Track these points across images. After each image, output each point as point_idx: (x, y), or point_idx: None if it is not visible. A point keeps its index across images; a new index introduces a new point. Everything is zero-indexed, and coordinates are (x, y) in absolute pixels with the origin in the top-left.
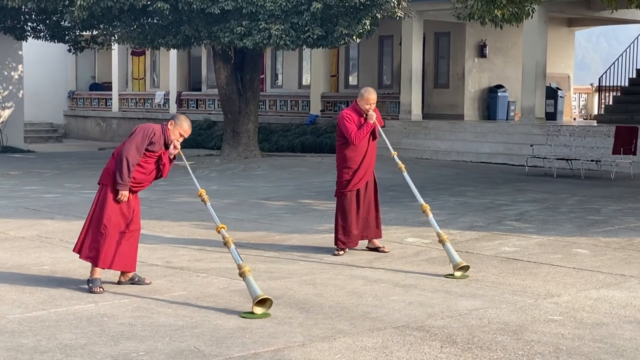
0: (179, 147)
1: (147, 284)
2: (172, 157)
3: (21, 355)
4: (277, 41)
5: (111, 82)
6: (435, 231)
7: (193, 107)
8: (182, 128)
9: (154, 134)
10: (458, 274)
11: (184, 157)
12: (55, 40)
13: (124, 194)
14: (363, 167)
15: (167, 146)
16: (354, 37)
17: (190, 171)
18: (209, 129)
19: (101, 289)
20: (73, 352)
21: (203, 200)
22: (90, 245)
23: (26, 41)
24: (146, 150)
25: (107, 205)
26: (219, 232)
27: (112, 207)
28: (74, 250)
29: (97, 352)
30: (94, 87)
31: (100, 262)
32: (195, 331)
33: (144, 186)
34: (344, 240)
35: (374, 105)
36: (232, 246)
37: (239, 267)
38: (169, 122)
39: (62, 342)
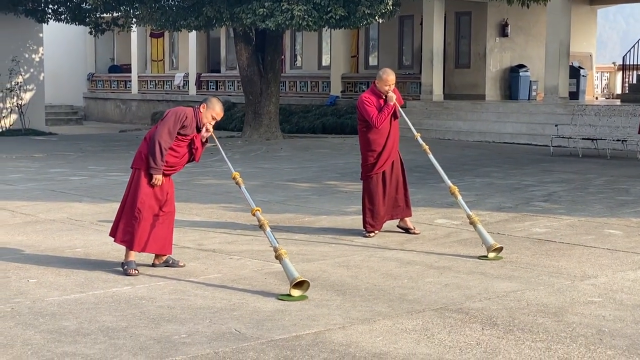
0: (211, 129)
1: (181, 266)
2: (204, 140)
3: (64, 337)
4: (300, 22)
5: (130, 64)
6: (466, 213)
7: (212, 88)
8: (214, 111)
9: (186, 117)
10: (491, 255)
11: (216, 140)
12: (76, 23)
13: (158, 178)
14: (387, 148)
15: (199, 129)
16: (376, 17)
17: (224, 154)
18: (228, 110)
19: (136, 271)
20: (115, 334)
21: (237, 183)
22: (125, 229)
23: (47, 24)
24: (178, 134)
25: (141, 188)
26: (254, 214)
27: (146, 191)
28: (109, 235)
29: (139, 335)
30: (113, 69)
31: (135, 246)
32: (234, 314)
33: (176, 169)
34: (372, 223)
35: (393, 86)
36: (268, 229)
37: (275, 250)
38: (202, 105)
39: (103, 325)
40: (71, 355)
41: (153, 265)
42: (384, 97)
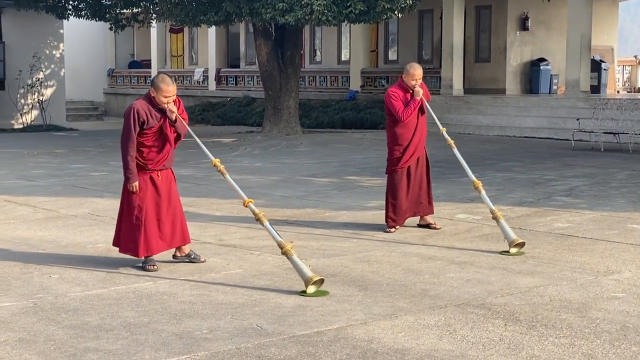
0: (174, 109)
1: (202, 261)
2: (172, 122)
3: (87, 333)
4: (319, 17)
5: (150, 60)
6: (489, 208)
7: (232, 83)
8: (162, 91)
9: (137, 113)
10: (513, 250)
11: (184, 122)
12: (96, 19)
13: (133, 186)
14: (413, 143)
15: (164, 112)
16: (396, 12)
17: (199, 141)
18: (248, 105)
19: (155, 267)
20: (138, 330)
21: (220, 172)
22: (127, 237)
23: (67, 20)
24: (143, 129)
25: (133, 195)
26: (246, 206)
27: (140, 195)
28: (113, 244)
29: (161, 330)
30: (133, 64)
31: (140, 252)
32: (256, 309)
33: (163, 162)
34: (394, 217)
35: (419, 81)
36: (266, 222)
37: (281, 246)
38: (151, 90)
39: (125, 320)
40: (94, 351)
41: (174, 257)
42: (411, 92)
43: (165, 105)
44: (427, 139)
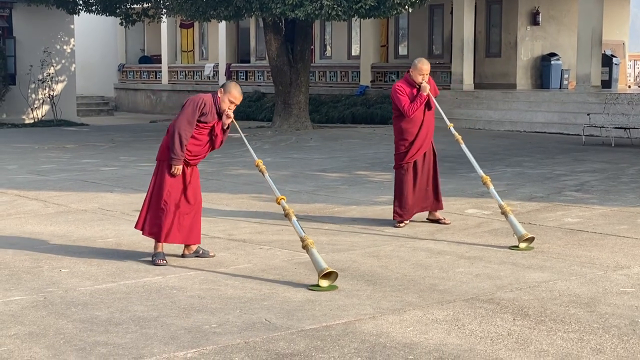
0: (231, 115)
1: (211, 256)
2: (225, 127)
3: (96, 327)
4: (329, 12)
5: (160, 55)
6: (498, 203)
7: (242, 79)
8: (231, 95)
9: (204, 104)
10: (523, 245)
11: (238, 126)
12: (107, 14)
13: (178, 168)
14: (419, 138)
15: (220, 116)
16: (406, 7)
17: (246, 141)
18: (258, 100)
19: (164, 261)
20: (147, 324)
21: (261, 171)
22: (152, 222)
23: (78, 15)
24: (199, 121)
25: (166, 180)
26: (279, 203)
27: (171, 183)
28: (136, 227)
29: (170, 324)
30: (144, 60)
31: (163, 237)
32: (265, 303)
33: (200, 158)
34: (400, 212)
35: (427, 77)
36: (294, 218)
37: (302, 240)
38: (219, 90)
39: (134, 314)
40: (103, 345)
41: (183, 255)
42: (417, 87)
43: (226, 110)
44: (437, 134)
